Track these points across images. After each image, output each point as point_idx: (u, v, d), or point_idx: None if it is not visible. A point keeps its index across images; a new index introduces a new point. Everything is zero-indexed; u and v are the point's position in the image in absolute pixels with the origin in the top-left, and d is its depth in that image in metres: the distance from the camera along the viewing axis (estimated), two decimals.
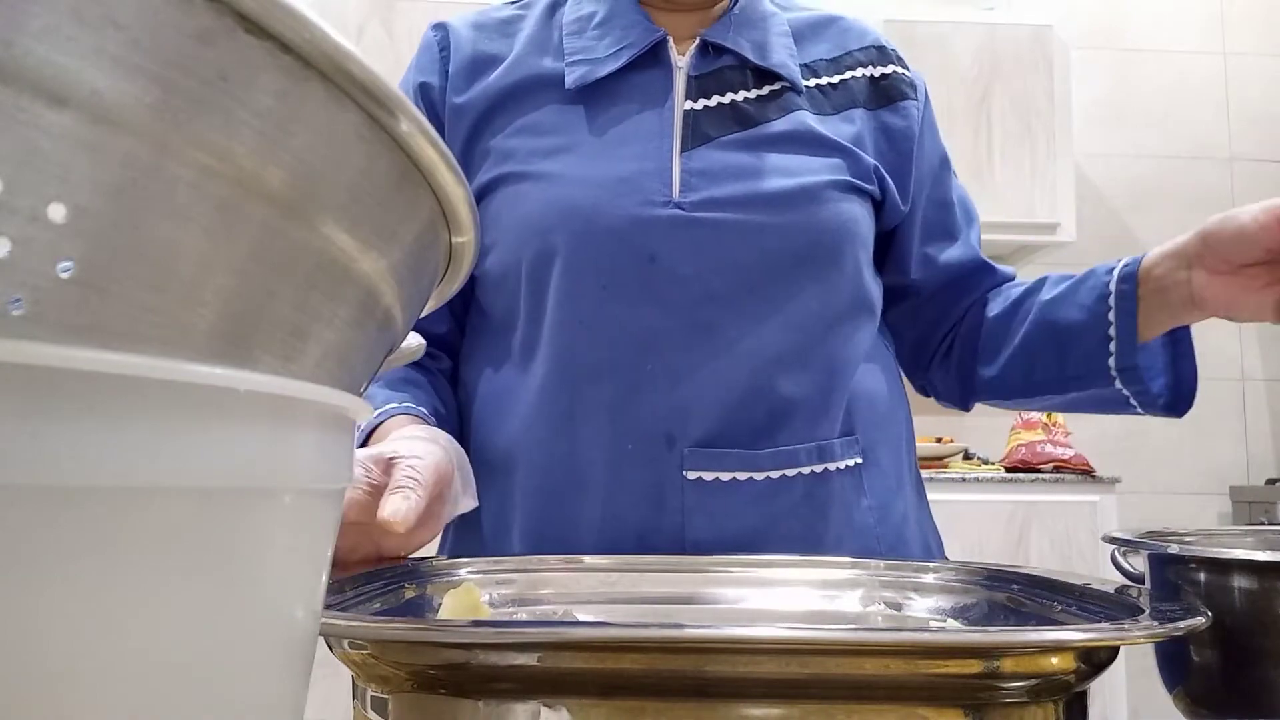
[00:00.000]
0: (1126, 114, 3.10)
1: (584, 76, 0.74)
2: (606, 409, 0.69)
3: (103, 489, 0.15)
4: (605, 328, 0.70)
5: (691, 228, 0.70)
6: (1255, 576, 0.46)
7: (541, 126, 0.74)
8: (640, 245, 0.70)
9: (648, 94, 0.75)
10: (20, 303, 0.15)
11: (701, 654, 0.36)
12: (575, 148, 0.73)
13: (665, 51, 0.76)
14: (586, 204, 0.70)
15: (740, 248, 0.70)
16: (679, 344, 0.69)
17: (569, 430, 0.70)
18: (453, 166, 0.22)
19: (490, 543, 0.74)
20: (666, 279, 0.69)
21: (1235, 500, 2.89)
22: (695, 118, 0.74)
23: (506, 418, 0.74)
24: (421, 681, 0.38)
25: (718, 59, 0.77)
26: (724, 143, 0.73)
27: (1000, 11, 2.92)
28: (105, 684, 0.15)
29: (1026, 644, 0.37)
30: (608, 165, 0.72)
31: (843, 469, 0.72)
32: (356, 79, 0.18)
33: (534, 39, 0.79)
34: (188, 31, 0.16)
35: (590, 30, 0.77)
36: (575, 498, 0.70)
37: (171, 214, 0.16)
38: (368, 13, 2.66)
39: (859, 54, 0.82)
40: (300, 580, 0.21)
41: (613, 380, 0.69)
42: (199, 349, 0.17)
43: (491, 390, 0.76)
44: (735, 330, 0.70)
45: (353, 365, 0.23)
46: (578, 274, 0.70)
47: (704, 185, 0.71)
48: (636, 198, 0.70)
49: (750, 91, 0.76)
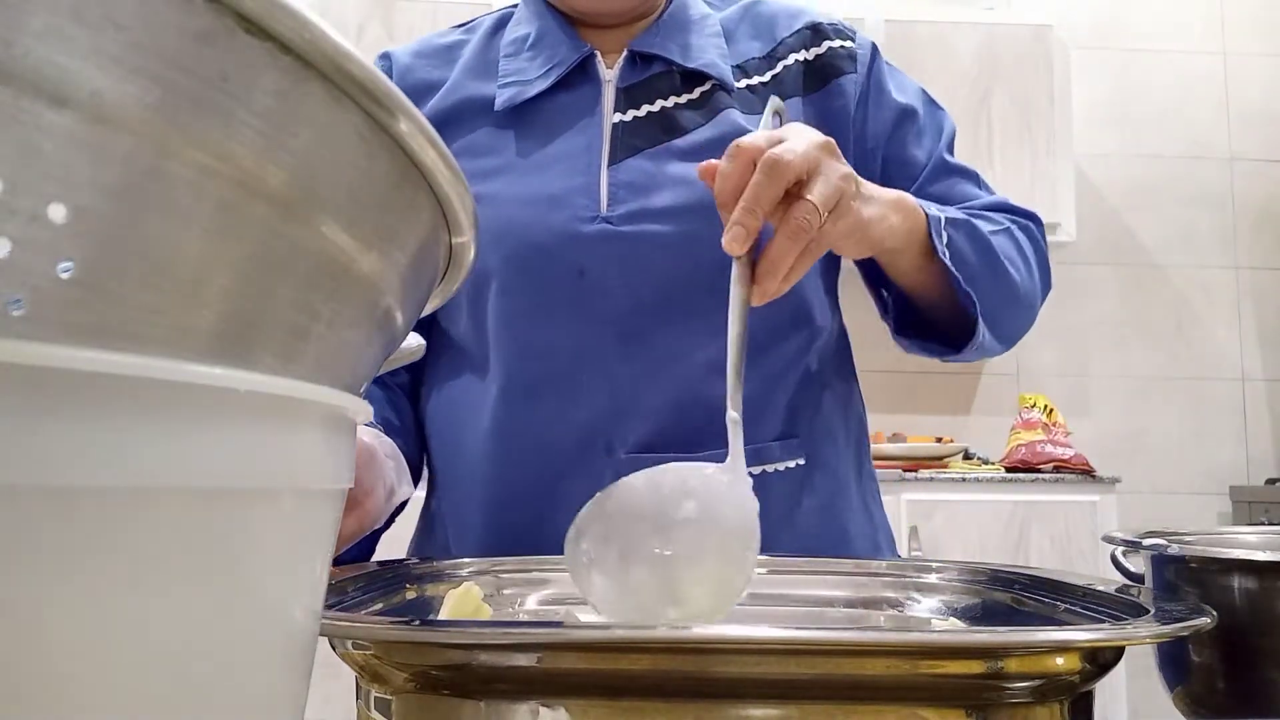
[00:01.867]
0: (1126, 114, 3.10)
1: (513, 98, 0.76)
2: (547, 421, 0.72)
3: (103, 489, 0.15)
4: (541, 343, 0.72)
5: (619, 241, 0.71)
6: (1255, 576, 0.46)
7: (477, 149, 0.76)
8: (570, 261, 0.71)
9: (577, 110, 0.76)
10: (20, 303, 0.15)
11: (703, 654, 0.36)
12: (508, 169, 0.75)
13: (594, 66, 0.78)
14: (519, 224, 0.72)
15: (667, 259, 0.72)
16: (612, 355, 0.71)
17: (516, 442, 0.72)
18: (453, 167, 0.22)
19: (454, 547, 0.77)
20: (597, 292, 0.71)
21: (1235, 500, 2.89)
22: (623, 129, 0.75)
23: (462, 430, 0.76)
24: (424, 682, 0.38)
25: (647, 68, 0.77)
26: (651, 153, 0.74)
27: (1000, 11, 2.92)
28: (105, 683, 0.15)
29: (1032, 644, 0.37)
30: (538, 184, 0.73)
31: (782, 471, 0.74)
32: (356, 79, 0.18)
33: (472, 63, 0.81)
34: (188, 32, 0.16)
35: (525, 52, 0.79)
36: (517, 508, 0.72)
37: (172, 214, 0.16)
38: (368, 13, 2.66)
39: (791, 40, 0.82)
40: (300, 580, 0.21)
41: (551, 393, 0.72)
42: (199, 349, 0.17)
43: (447, 405, 0.78)
44: (665, 340, 0.72)
45: (353, 365, 0.23)
46: (512, 293, 0.72)
47: (631, 198, 0.72)
48: (565, 214, 0.72)
49: (680, 96, 0.77)
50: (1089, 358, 2.99)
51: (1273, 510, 2.69)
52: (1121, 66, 3.12)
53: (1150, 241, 3.02)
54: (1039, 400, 2.67)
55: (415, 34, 2.70)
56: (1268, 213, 3.07)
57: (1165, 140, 3.09)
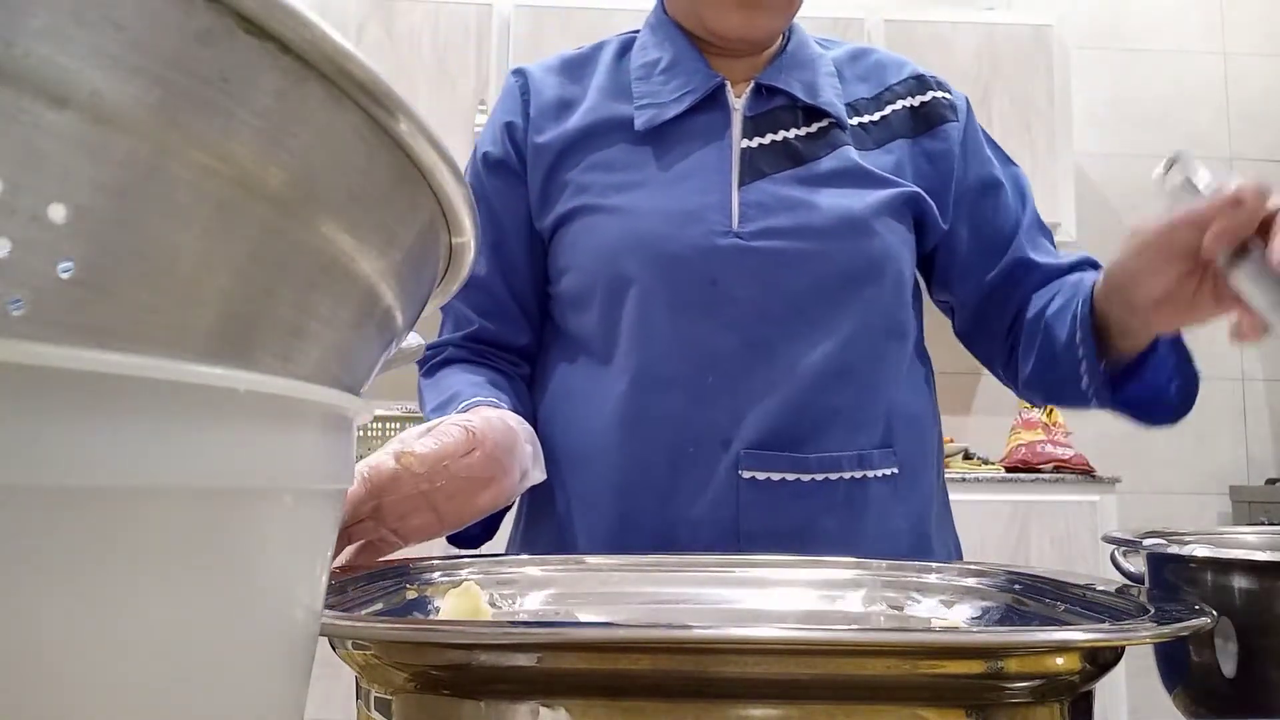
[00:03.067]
0: (1126, 114, 3.10)
1: (651, 119, 0.82)
2: (673, 416, 0.77)
3: (103, 489, 0.15)
4: (673, 344, 0.78)
5: (749, 255, 0.78)
6: (1255, 576, 0.46)
7: (613, 163, 0.83)
8: (703, 271, 0.78)
9: (708, 134, 0.82)
10: (20, 303, 0.15)
11: (703, 654, 0.36)
12: (644, 183, 0.81)
13: (724, 94, 0.84)
14: (655, 234, 0.79)
15: (792, 274, 0.78)
16: (737, 359, 0.77)
17: (639, 433, 0.78)
18: (453, 167, 0.22)
19: (564, 528, 0.81)
20: (727, 301, 0.77)
21: (1235, 500, 2.89)
22: (751, 155, 0.81)
23: (582, 419, 0.81)
24: (424, 682, 0.38)
25: (771, 100, 0.84)
26: (777, 178, 0.81)
27: (1000, 11, 2.92)
28: (105, 683, 0.15)
29: (1032, 644, 0.37)
30: (673, 199, 0.80)
31: (880, 477, 0.79)
32: (356, 79, 0.18)
33: (606, 83, 0.87)
34: (188, 32, 0.16)
35: (656, 75, 0.85)
36: (642, 493, 0.77)
37: (171, 214, 0.16)
38: (368, 13, 2.66)
39: (898, 87, 0.89)
40: (300, 580, 0.21)
41: (678, 391, 0.77)
42: (199, 349, 0.17)
43: (565, 393, 0.84)
44: (786, 347, 0.78)
45: (353, 365, 0.23)
46: (650, 297, 0.78)
47: (760, 216, 0.79)
48: (700, 228, 0.78)
49: (800, 129, 0.83)
50: None
51: (1273, 510, 2.69)
52: (1121, 66, 3.12)
53: None
54: None
55: (415, 34, 2.71)
56: None
57: (1165, 140, 3.08)
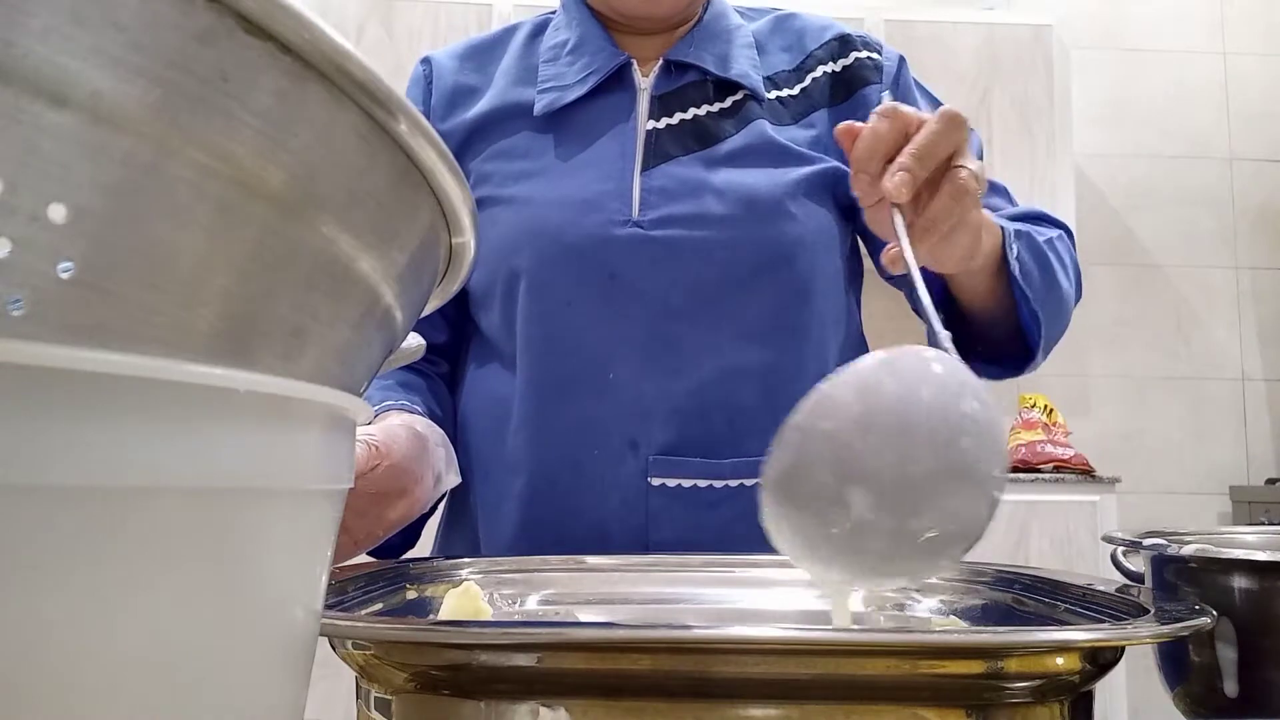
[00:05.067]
0: (1126, 114, 3.09)
1: (551, 103, 0.78)
2: (574, 417, 0.73)
3: (103, 489, 0.15)
4: (570, 342, 0.74)
5: (649, 245, 0.73)
6: (1255, 576, 0.46)
7: (514, 152, 0.78)
8: (601, 263, 0.73)
9: (612, 117, 0.78)
10: (20, 303, 0.15)
11: (704, 654, 0.36)
12: (544, 172, 0.77)
13: (630, 74, 0.79)
14: (551, 225, 0.74)
15: (696, 263, 0.73)
16: (640, 356, 0.72)
17: (540, 437, 0.74)
18: (452, 167, 0.22)
19: (485, 536, 0.78)
20: (628, 294, 0.73)
21: (1235, 500, 2.89)
22: (657, 136, 0.77)
23: (494, 423, 0.77)
24: (424, 682, 0.38)
25: (681, 76, 0.79)
26: (683, 160, 0.76)
27: (1000, 11, 2.92)
28: (104, 684, 0.15)
29: (1032, 644, 0.37)
30: (572, 187, 0.75)
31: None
32: (356, 79, 0.18)
33: (512, 67, 0.83)
34: (188, 31, 0.16)
35: (563, 57, 0.81)
36: (546, 500, 0.74)
37: (172, 214, 0.16)
38: (368, 13, 2.66)
39: (819, 52, 0.83)
40: (300, 580, 0.21)
41: (578, 391, 0.73)
42: (199, 349, 0.17)
43: (475, 395, 0.80)
44: (693, 342, 0.73)
45: (353, 365, 0.23)
46: (542, 292, 0.74)
47: (662, 203, 0.74)
48: (598, 218, 0.74)
49: (712, 105, 0.78)
50: (1089, 358, 2.99)
51: (1273, 510, 2.69)
52: (1121, 66, 3.12)
53: (1150, 241, 3.02)
54: (1039, 400, 2.67)
55: (415, 34, 2.71)
56: (1267, 213, 3.07)
57: (1165, 140, 3.09)
